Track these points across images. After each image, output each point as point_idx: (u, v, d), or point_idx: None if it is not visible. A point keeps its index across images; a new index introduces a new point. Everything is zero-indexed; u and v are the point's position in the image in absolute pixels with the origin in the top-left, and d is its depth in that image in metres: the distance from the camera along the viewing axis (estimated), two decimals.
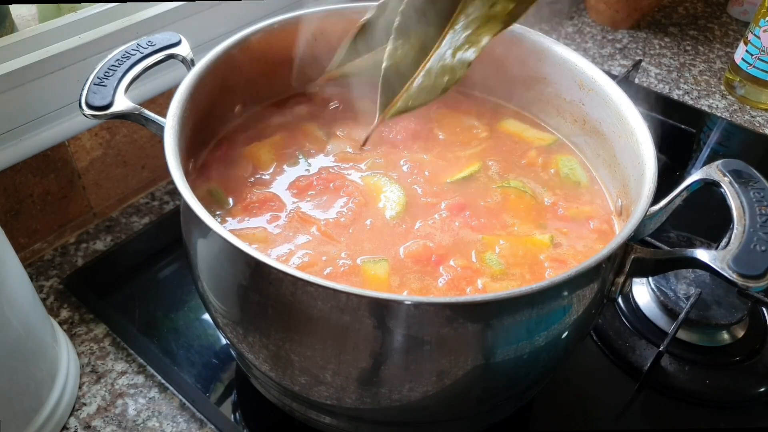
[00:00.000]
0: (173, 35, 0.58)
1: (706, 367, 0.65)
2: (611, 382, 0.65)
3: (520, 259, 0.53)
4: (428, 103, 0.39)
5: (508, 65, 0.67)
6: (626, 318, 0.69)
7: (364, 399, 0.46)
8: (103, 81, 0.53)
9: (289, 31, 0.64)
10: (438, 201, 0.57)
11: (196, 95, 0.54)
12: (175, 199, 0.83)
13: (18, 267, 0.54)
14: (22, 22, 0.86)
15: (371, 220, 0.55)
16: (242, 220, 0.54)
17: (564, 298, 0.44)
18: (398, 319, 0.41)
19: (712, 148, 0.97)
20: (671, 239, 0.76)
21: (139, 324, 0.68)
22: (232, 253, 0.44)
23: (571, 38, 1.22)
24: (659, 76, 1.12)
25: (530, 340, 0.43)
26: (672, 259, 0.45)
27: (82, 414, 0.60)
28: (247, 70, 0.62)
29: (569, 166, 0.63)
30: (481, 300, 0.41)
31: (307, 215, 0.55)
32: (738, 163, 0.48)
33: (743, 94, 1.05)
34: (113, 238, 0.77)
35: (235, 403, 0.62)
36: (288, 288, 0.41)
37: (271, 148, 0.62)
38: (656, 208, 0.49)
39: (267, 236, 0.53)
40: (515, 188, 0.60)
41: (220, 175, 0.58)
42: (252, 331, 0.47)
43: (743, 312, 0.66)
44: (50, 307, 0.69)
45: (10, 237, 0.55)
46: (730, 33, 1.25)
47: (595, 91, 0.60)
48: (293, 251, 0.52)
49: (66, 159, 0.72)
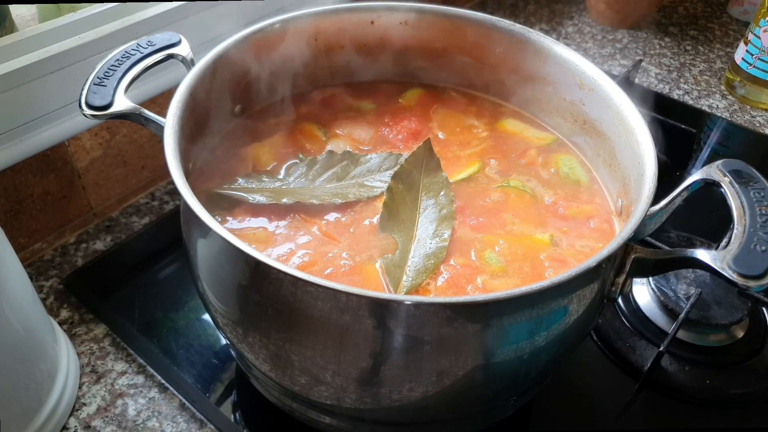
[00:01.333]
0: (173, 35, 0.58)
1: (706, 367, 0.65)
2: (611, 382, 0.65)
3: (519, 257, 0.53)
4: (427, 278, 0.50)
5: (508, 65, 0.67)
6: (626, 318, 0.69)
7: (364, 399, 0.46)
8: (103, 81, 0.53)
9: (289, 30, 0.64)
10: None
11: (196, 95, 0.54)
12: (175, 199, 0.83)
13: (18, 267, 0.54)
14: (22, 22, 0.86)
15: (371, 220, 0.55)
16: (243, 220, 0.54)
17: (564, 298, 0.44)
18: (398, 319, 0.41)
19: (712, 148, 0.97)
20: (671, 239, 0.76)
21: (139, 324, 0.68)
22: (232, 253, 0.44)
23: (571, 38, 1.22)
24: (659, 76, 1.12)
25: (530, 340, 0.43)
26: (672, 259, 0.45)
27: (82, 414, 0.60)
28: (247, 70, 0.62)
29: (569, 166, 0.63)
30: (482, 300, 0.41)
31: (308, 216, 0.55)
32: (738, 163, 0.48)
33: (743, 94, 1.05)
34: (113, 238, 0.77)
35: (235, 403, 0.62)
36: (288, 288, 0.41)
37: (271, 148, 0.62)
38: (656, 208, 0.49)
39: (268, 236, 0.53)
40: (515, 188, 0.60)
41: (220, 176, 0.58)
42: (252, 331, 0.47)
43: (743, 312, 0.66)
44: (50, 307, 0.69)
45: (10, 237, 0.55)
46: (730, 33, 1.25)
47: (595, 90, 0.60)
48: (294, 251, 0.52)
49: (66, 159, 0.72)
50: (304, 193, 0.56)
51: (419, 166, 0.59)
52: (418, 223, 0.55)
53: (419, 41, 0.69)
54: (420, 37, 0.68)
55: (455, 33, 0.67)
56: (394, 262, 0.51)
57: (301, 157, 0.61)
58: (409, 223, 0.55)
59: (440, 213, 0.55)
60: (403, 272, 0.50)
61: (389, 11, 0.67)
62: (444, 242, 0.53)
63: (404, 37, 0.68)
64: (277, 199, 0.55)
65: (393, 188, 0.57)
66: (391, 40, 0.68)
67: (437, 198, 0.57)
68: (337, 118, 0.67)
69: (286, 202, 0.55)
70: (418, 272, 0.50)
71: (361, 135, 0.65)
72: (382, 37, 0.68)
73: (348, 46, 0.68)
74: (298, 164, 0.60)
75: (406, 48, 0.69)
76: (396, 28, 0.68)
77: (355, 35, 0.67)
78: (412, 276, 0.50)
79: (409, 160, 0.59)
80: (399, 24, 0.67)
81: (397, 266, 0.51)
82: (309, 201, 0.55)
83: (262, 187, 0.57)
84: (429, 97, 0.71)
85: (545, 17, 1.28)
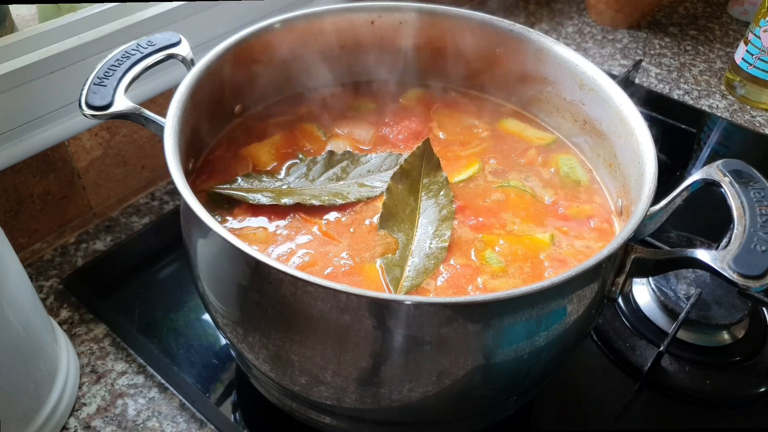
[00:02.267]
0: (173, 35, 0.58)
1: (706, 367, 0.65)
2: (611, 382, 0.65)
3: (520, 257, 0.53)
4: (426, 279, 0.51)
5: (509, 65, 0.67)
6: (626, 318, 0.69)
7: (364, 399, 0.46)
8: (103, 81, 0.53)
9: (289, 30, 0.64)
10: None
11: (196, 95, 0.54)
12: (175, 199, 0.83)
13: (18, 267, 0.54)
14: (22, 22, 0.86)
15: (371, 220, 0.55)
16: (243, 220, 0.54)
17: (564, 298, 0.44)
18: (398, 319, 0.41)
19: (712, 148, 0.97)
20: (671, 239, 0.76)
21: (139, 324, 0.68)
22: (232, 253, 0.44)
23: (571, 38, 1.22)
24: (659, 76, 1.12)
25: (530, 340, 0.43)
26: (672, 259, 0.45)
27: (82, 414, 0.60)
28: (247, 70, 0.62)
29: (569, 165, 0.63)
30: (481, 300, 0.41)
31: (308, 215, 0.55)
32: (738, 163, 0.48)
33: (743, 94, 1.05)
34: (113, 238, 0.77)
35: (235, 403, 0.62)
36: (288, 288, 0.41)
37: (271, 148, 0.62)
38: (656, 208, 0.49)
39: (268, 236, 0.53)
40: (515, 187, 0.60)
41: (220, 176, 0.58)
42: (252, 331, 0.47)
43: (743, 312, 0.66)
44: (50, 307, 0.69)
45: (10, 237, 0.55)
46: (730, 33, 1.25)
47: (595, 90, 0.60)
48: (294, 250, 0.52)
49: (66, 159, 0.72)
50: (305, 193, 0.56)
51: (419, 166, 0.59)
52: (418, 224, 0.55)
53: (419, 41, 0.69)
54: (420, 37, 0.68)
55: (455, 33, 0.67)
56: (394, 262, 0.51)
57: (301, 157, 0.61)
58: (409, 223, 0.55)
59: (440, 213, 0.55)
60: (403, 272, 0.50)
61: (389, 11, 0.67)
62: (444, 242, 0.53)
63: (404, 37, 0.68)
64: (277, 200, 0.55)
65: (393, 188, 0.57)
66: (391, 40, 0.68)
67: (437, 198, 0.57)
68: (337, 118, 0.67)
69: (287, 203, 0.55)
70: (418, 272, 0.50)
71: (361, 135, 0.65)
72: (382, 37, 0.68)
73: (348, 46, 0.68)
74: (299, 164, 0.60)
75: (407, 48, 0.69)
76: (396, 28, 0.68)
77: (355, 35, 0.67)
78: (412, 276, 0.50)
79: (408, 160, 0.59)
80: (399, 24, 0.67)
81: (397, 266, 0.51)
82: (309, 202, 0.55)
83: (262, 187, 0.57)
84: (429, 97, 0.71)
85: (545, 17, 1.28)
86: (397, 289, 0.49)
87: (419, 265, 0.51)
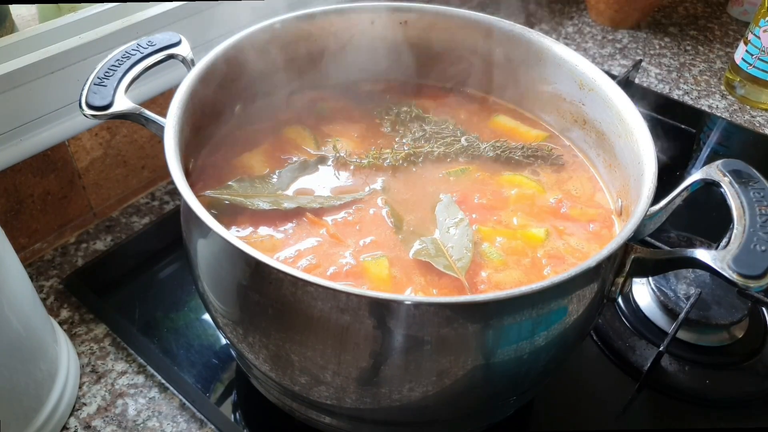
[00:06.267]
0: (173, 35, 0.58)
1: (706, 367, 0.65)
2: (611, 382, 0.65)
3: (519, 252, 0.53)
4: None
5: (508, 65, 0.67)
6: (626, 318, 0.69)
7: (365, 399, 0.46)
8: (103, 81, 0.53)
9: (289, 30, 0.64)
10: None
11: (196, 95, 0.54)
12: (175, 199, 0.83)
13: (18, 267, 0.54)
14: (22, 22, 0.86)
15: (372, 219, 0.55)
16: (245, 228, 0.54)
17: (564, 298, 0.44)
18: (398, 319, 0.41)
19: (712, 148, 0.97)
20: (671, 239, 0.76)
21: (139, 324, 0.68)
22: (232, 253, 0.44)
23: (571, 38, 1.22)
24: (659, 76, 1.12)
25: (530, 340, 0.43)
26: (672, 259, 0.45)
27: (82, 414, 0.60)
28: (247, 70, 0.62)
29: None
30: (481, 300, 0.41)
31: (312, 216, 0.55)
32: (738, 163, 0.48)
33: (743, 94, 1.05)
34: (113, 238, 0.77)
35: (235, 403, 0.62)
36: (288, 288, 0.41)
37: (270, 147, 0.62)
38: (656, 208, 0.49)
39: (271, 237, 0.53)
40: (516, 182, 0.60)
41: (220, 176, 0.58)
42: (252, 331, 0.47)
43: (743, 312, 0.66)
44: (50, 307, 0.69)
45: (10, 237, 0.55)
46: (730, 33, 1.25)
47: (595, 91, 0.60)
48: (300, 251, 0.52)
49: (66, 159, 0.72)
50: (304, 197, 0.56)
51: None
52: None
53: (419, 41, 0.69)
54: (420, 37, 0.68)
55: (455, 33, 0.67)
56: (433, 254, 0.51)
57: (296, 159, 0.61)
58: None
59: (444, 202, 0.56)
60: (449, 257, 0.51)
61: (389, 11, 0.67)
62: (464, 221, 0.54)
63: (404, 37, 0.68)
64: (278, 204, 0.55)
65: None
66: (391, 40, 0.68)
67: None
68: (336, 119, 0.67)
69: (287, 207, 0.55)
70: (461, 252, 0.51)
71: (354, 135, 0.65)
72: (382, 37, 0.68)
73: (348, 47, 0.68)
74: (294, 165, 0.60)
75: (406, 48, 0.69)
76: (396, 28, 0.68)
77: (355, 35, 0.67)
78: (458, 257, 0.51)
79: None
80: (399, 24, 0.67)
81: (440, 256, 0.51)
82: (309, 205, 0.55)
83: (263, 192, 0.56)
84: (429, 96, 0.71)
85: (545, 17, 1.28)
86: (455, 272, 0.50)
87: (457, 246, 0.52)
